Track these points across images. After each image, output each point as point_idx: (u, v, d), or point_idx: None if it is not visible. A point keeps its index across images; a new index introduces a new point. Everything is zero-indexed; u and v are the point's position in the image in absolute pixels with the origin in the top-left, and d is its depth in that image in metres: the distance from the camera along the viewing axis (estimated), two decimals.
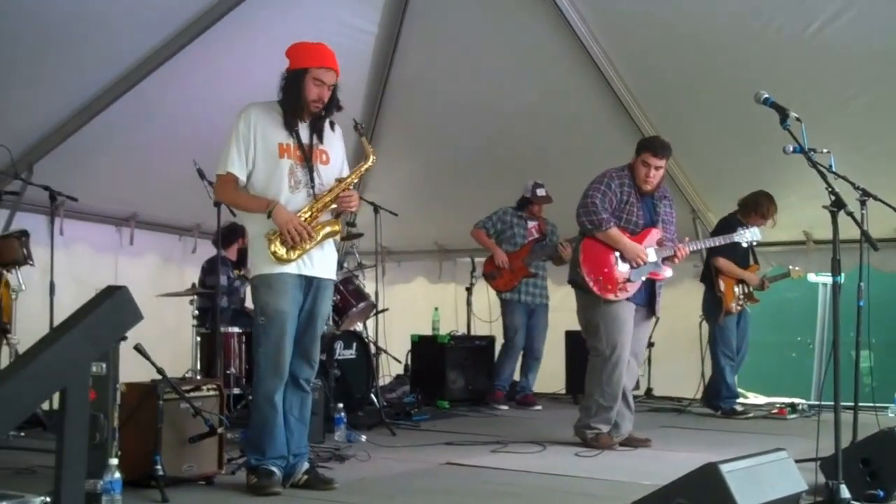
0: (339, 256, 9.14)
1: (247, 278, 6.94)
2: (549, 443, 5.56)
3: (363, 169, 4.33)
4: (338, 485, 4.16)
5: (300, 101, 4.16)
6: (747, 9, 6.54)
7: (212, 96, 6.99)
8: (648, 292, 5.61)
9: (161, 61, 6.66)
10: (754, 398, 8.42)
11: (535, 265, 7.82)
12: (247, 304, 7.03)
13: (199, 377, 6.09)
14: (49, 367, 2.41)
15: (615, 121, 7.81)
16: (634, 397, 5.99)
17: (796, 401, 7.68)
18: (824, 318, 8.92)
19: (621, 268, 5.48)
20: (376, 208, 7.20)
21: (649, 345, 7.68)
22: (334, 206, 4.23)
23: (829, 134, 6.10)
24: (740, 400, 7.65)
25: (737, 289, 7.31)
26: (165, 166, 7.31)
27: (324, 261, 4.24)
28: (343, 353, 6.76)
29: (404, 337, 8.39)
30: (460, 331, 8.50)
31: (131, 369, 4.12)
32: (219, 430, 4.24)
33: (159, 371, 4.13)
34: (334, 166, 4.31)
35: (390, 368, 8.60)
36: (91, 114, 6.82)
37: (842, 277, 3.81)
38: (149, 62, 6.66)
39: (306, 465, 4.24)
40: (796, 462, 3.51)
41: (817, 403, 7.36)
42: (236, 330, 6.47)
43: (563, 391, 8.56)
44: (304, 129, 4.22)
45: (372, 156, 4.38)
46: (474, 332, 8.49)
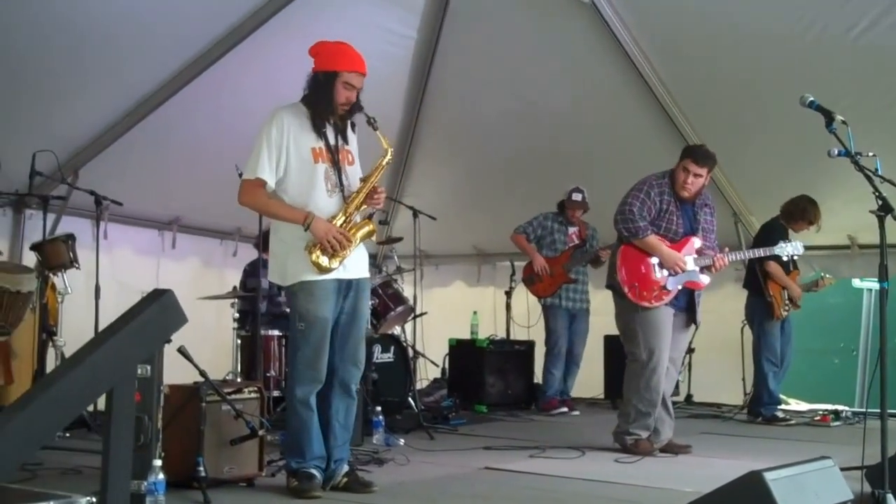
0: (379, 260, 9.25)
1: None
2: (588, 448, 5.53)
3: (383, 164, 4.26)
4: (377, 488, 4.16)
5: (330, 105, 4.15)
6: (790, 11, 6.47)
7: (254, 100, 7.04)
8: (688, 298, 5.57)
9: (205, 66, 6.75)
10: (796, 405, 8.32)
11: (576, 271, 7.79)
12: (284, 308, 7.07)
13: (239, 380, 6.14)
14: (97, 369, 2.45)
15: (656, 124, 7.76)
16: (674, 403, 5.94)
17: (840, 408, 7.57)
18: (869, 324, 8.81)
19: (658, 275, 5.44)
20: (415, 212, 7.22)
21: (689, 350, 7.63)
22: (364, 206, 4.24)
23: (874, 136, 6.03)
24: (782, 406, 7.56)
25: (785, 294, 7.24)
26: (207, 171, 7.38)
27: (357, 261, 4.24)
28: (381, 356, 6.78)
29: (442, 341, 8.39)
30: (499, 335, 8.48)
31: (173, 371, 4.17)
32: (260, 432, 4.27)
33: (202, 373, 4.17)
34: (357, 166, 4.32)
35: (428, 372, 8.62)
36: (135, 119, 6.92)
37: (888, 283, 3.75)
38: (192, 67, 6.75)
39: (346, 468, 4.25)
40: (841, 470, 3.46)
41: (862, 410, 7.25)
42: (276, 333, 6.52)
43: (602, 396, 8.51)
44: (330, 131, 4.21)
45: (389, 149, 4.30)
46: (513, 337, 8.47)
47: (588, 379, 8.28)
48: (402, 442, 5.68)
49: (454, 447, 5.65)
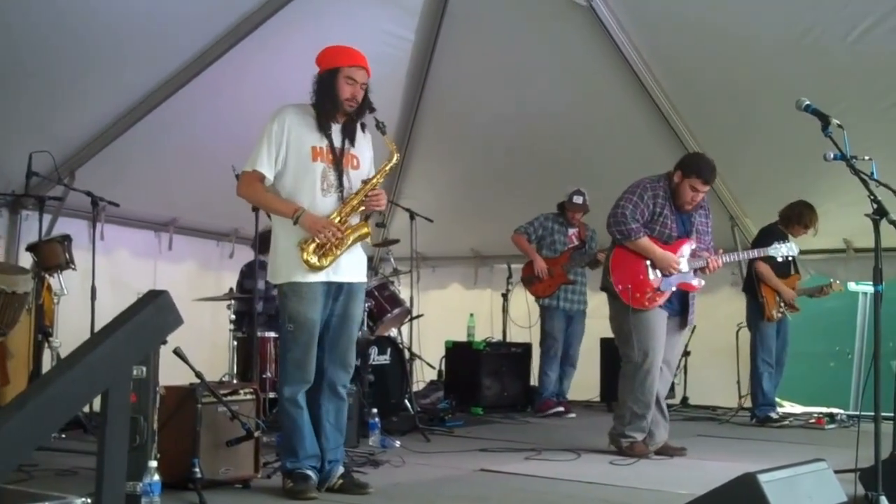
0: (375, 262, 9.26)
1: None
2: (584, 451, 5.54)
3: (387, 168, 4.28)
4: (372, 490, 4.16)
5: (334, 102, 4.17)
6: (787, 15, 6.48)
7: (251, 102, 7.06)
8: (681, 302, 5.57)
9: (200, 69, 6.76)
10: (791, 407, 8.33)
11: (575, 272, 7.80)
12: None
13: (235, 381, 6.14)
14: (92, 370, 2.44)
15: (653, 127, 7.78)
16: (669, 406, 5.94)
17: (834, 411, 7.59)
18: (864, 328, 8.81)
19: (651, 277, 5.44)
20: (412, 214, 7.23)
21: (685, 353, 7.66)
22: (362, 208, 4.25)
23: (870, 140, 6.04)
24: (778, 409, 7.58)
25: (778, 296, 7.26)
26: (204, 172, 7.39)
27: (352, 264, 4.24)
28: (377, 358, 6.78)
29: (439, 343, 8.40)
30: (496, 337, 8.49)
31: (169, 373, 4.18)
32: (255, 433, 4.28)
33: (197, 375, 4.17)
34: (363, 171, 4.31)
35: (424, 374, 8.62)
36: (132, 120, 6.92)
37: (882, 286, 3.76)
38: (189, 70, 6.75)
39: (341, 469, 4.25)
40: (835, 473, 3.47)
41: (856, 413, 7.27)
42: (272, 334, 6.52)
43: (598, 398, 8.53)
44: (336, 133, 4.23)
45: (396, 154, 4.34)
46: (510, 339, 8.48)
47: (584, 381, 8.30)
48: (398, 444, 5.69)
49: (450, 449, 5.65)
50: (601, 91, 7.73)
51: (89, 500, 2.65)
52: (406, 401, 6.85)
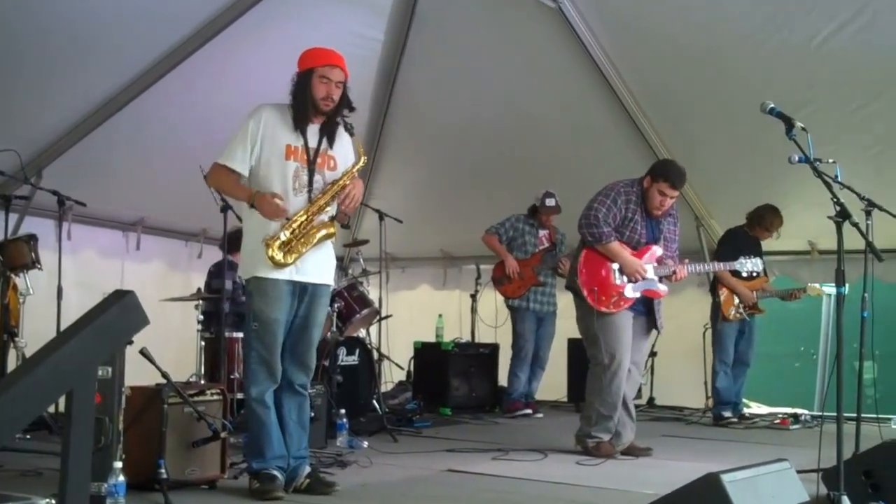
0: (345, 263, 9.24)
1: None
2: (551, 451, 5.57)
3: (354, 170, 4.29)
4: (339, 489, 4.16)
5: (309, 101, 4.18)
6: (753, 20, 6.55)
7: (219, 103, 7.03)
8: (646, 303, 5.62)
9: (169, 68, 6.71)
10: (757, 408, 8.42)
11: (545, 274, 7.83)
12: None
13: (202, 381, 6.11)
14: (56, 370, 2.43)
15: (622, 130, 7.83)
16: (637, 406, 5.99)
17: (799, 411, 7.68)
18: (828, 329, 8.92)
19: (618, 281, 5.47)
20: (381, 215, 7.23)
21: (652, 354, 7.71)
22: (329, 209, 4.24)
23: (836, 144, 6.14)
24: (744, 409, 7.67)
25: (736, 297, 7.32)
26: (172, 172, 7.34)
27: (319, 266, 4.24)
28: (346, 359, 6.77)
29: (408, 344, 8.40)
30: (464, 338, 8.51)
31: (136, 373, 4.15)
32: (222, 434, 4.26)
33: (164, 375, 4.15)
34: (340, 173, 4.31)
35: (393, 375, 8.62)
36: (99, 119, 6.87)
37: (845, 288, 3.81)
38: (157, 69, 6.70)
39: (308, 469, 4.25)
40: (798, 473, 3.52)
41: (820, 414, 7.36)
42: (240, 335, 6.48)
43: (565, 399, 8.57)
44: (313, 133, 4.24)
45: (363, 156, 4.36)
46: (478, 340, 8.50)
47: (552, 382, 8.33)
48: (365, 444, 5.68)
49: (418, 449, 5.66)
50: (570, 93, 7.77)
51: (53, 501, 2.64)
52: (374, 401, 6.85)
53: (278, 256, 4.08)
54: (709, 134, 7.61)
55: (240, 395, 6.24)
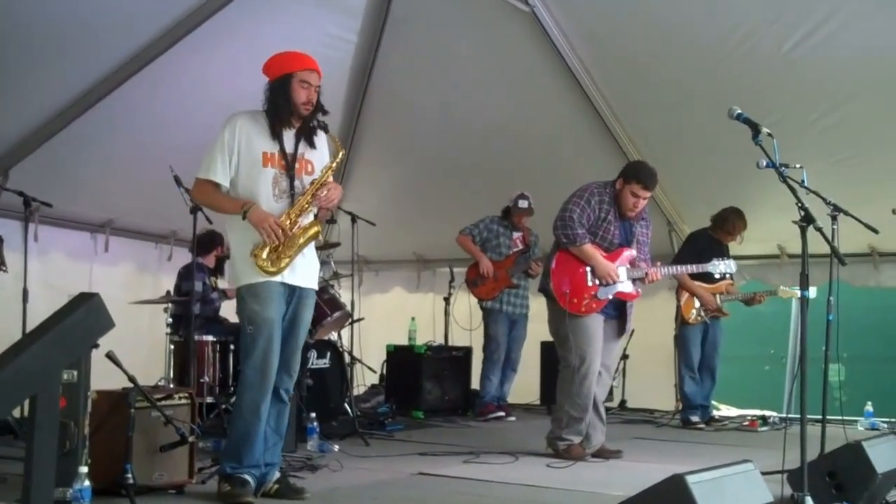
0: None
1: (224, 292, 6.92)
2: (522, 454, 5.58)
3: (333, 165, 4.29)
4: (309, 494, 4.15)
5: (289, 107, 4.16)
6: (724, 25, 6.62)
7: (189, 103, 6.99)
8: (618, 307, 5.64)
9: (138, 68, 6.65)
10: (727, 410, 8.48)
11: (518, 276, 7.84)
12: (221, 314, 7.00)
13: (171, 385, 6.06)
14: (19, 374, 2.41)
15: (594, 133, 7.88)
16: (608, 409, 6.01)
17: (767, 413, 7.74)
18: (797, 332, 9.01)
19: (590, 284, 5.49)
20: (354, 218, 7.21)
21: (624, 357, 7.74)
22: (311, 209, 4.24)
23: (803, 149, 6.20)
24: (715, 413, 7.73)
25: (696, 301, 7.36)
26: (142, 173, 7.29)
27: (305, 269, 4.24)
28: (317, 362, 6.74)
29: (381, 347, 8.38)
30: (437, 341, 8.50)
31: (103, 377, 4.11)
32: (190, 438, 4.23)
33: (131, 379, 4.11)
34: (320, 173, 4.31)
35: (365, 378, 8.60)
36: (67, 119, 6.79)
37: (810, 292, 3.85)
38: (126, 68, 6.64)
39: (277, 474, 4.23)
40: (763, 474, 3.54)
41: (787, 416, 7.43)
42: (210, 338, 6.45)
43: (538, 402, 8.59)
44: (289, 139, 4.21)
45: (340, 150, 4.38)
46: (452, 343, 8.50)
47: (524, 384, 8.35)
48: (336, 448, 5.66)
49: (389, 453, 5.66)
50: (543, 96, 7.80)
51: None
52: (346, 405, 6.83)
53: (267, 265, 4.07)
54: (680, 138, 7.67)
55: (209, 399, 6.22)
